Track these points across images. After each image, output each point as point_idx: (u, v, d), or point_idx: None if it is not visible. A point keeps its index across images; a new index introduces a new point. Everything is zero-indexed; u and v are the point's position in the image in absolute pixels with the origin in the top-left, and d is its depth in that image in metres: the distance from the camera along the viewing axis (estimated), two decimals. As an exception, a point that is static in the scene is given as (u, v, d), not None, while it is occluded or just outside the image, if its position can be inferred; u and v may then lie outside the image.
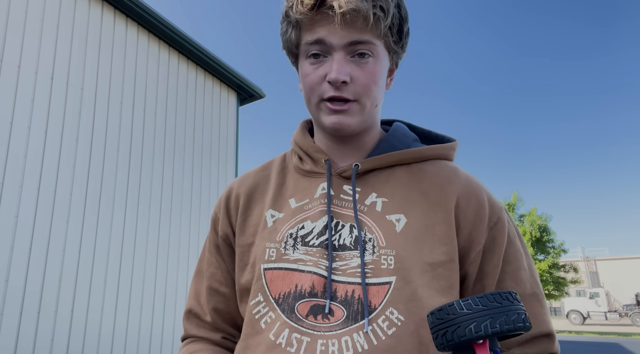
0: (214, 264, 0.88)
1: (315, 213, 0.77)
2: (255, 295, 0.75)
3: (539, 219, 22.63)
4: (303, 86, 0.79)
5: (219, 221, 0.88)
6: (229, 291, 0.86)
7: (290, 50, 0.81)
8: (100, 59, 5.85)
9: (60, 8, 5.48)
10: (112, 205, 5.67)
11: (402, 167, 0.81)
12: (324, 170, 0.81)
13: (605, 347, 14.43)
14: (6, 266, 4.53)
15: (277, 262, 0.75)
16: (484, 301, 0.47)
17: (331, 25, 0.72)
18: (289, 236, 0.77)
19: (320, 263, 0.72)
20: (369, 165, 0.79)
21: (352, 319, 0.68)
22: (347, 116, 0.75)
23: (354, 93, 0.74)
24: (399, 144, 0.83)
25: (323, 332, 0.68)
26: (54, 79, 5.28)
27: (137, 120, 6.21)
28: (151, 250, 6.06)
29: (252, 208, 0.84)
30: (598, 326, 25.32)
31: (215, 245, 0.88)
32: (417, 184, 0.79)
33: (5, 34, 4.89)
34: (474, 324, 0.46)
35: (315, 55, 0.75)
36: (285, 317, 0.70)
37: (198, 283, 0.90)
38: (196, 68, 7.34)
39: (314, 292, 0.71)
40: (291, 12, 0.74)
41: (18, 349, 4.48)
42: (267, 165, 0.91)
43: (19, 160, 4.81)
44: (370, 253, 0.72)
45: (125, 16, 6.31)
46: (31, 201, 4.84)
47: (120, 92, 6.04)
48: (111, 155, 5.77)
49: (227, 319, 0.86)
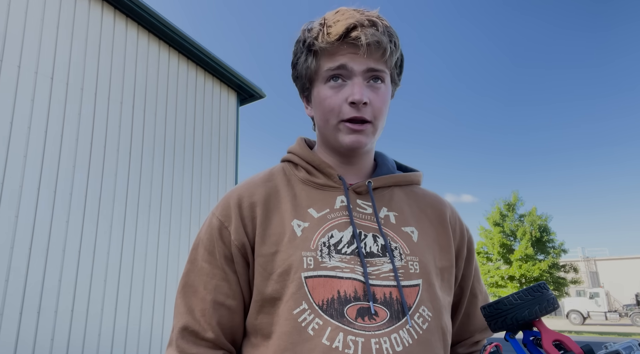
0: (219, 276, 0.84)
1: (340, 223, 0.85)
2: (298, 303, 0.77)
3: (539, 219, 22.61)
4: (320, 108, 0.87)
5: (231, 231, 0.85)
6: (235, 304, 0.84)
7: (308, 77, 0.89)
8: (100, 59, 5.84)
9: (60, 8, 5.48)
10: (112, 205, 5.67)
11: (398, 187, 0.95)
12: (339, 184, 0.90)
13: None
14: (6, 266, 4.53)
15: (317, 270, 0.79)
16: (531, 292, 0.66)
17: (352, 54, 0.83)
18: (322, 244, 0.82)
19: (356, 270, 0.80)
20: (377, 183, 0.92)
21: (395, 318, 0.77)
22: (363, 136, 0.86)
23: (371, 114, 0.85)
24: (392, 169, 0.99)
25: (373, 332, 0.75)
26: (54, 79, 5.28)
27: (137, 120, 6.20)
28: (151, 249, 6.06)
29: (270, 218, 0.86)
30: (598, 326, 25.31)
31: (225, 256, 0.85)
32: (414, 203, 0.94)
33: (5, 34, 4.89)
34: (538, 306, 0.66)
35: (335, 78, 0.84)
36: (337, 322, 0.76)
37: (190, 298, 0.85)
38: (196, 68, 7.34)
39: (357, 296, 0.78)
40: (316, 42, 0.84)
41: (18, 349, 4.49)
42: (269, 176, 0.93)
43: (19, 160, 4.81)
44: (399, 259, 0.83)
45: (125, 16, 6.31)
46: (31, 201, 4.84)
47: (120, 92, 6.04)
48: (111, 155, 5.77)
49: (227, 334, 0.84)
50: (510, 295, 0.66)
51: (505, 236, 22.95)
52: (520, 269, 21.42)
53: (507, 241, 22.84)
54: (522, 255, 21.61)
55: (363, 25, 0.82)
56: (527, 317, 0.64)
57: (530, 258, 21.63)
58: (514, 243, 23.04)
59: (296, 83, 0.95)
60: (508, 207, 23.47)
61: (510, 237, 23.10)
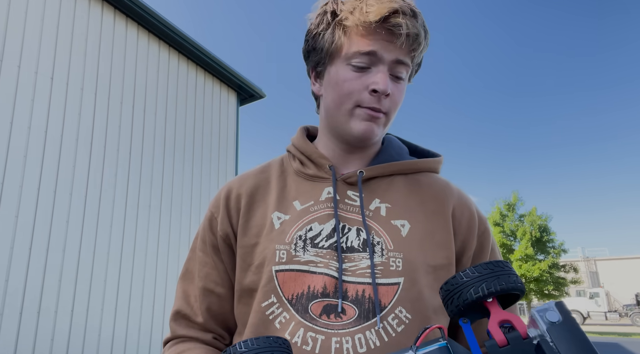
0: (210, 264, 0.87)
1: (322, 216, 0.81)
2: (267, 296, 0.77)
3: (539, 219, 22.62)
4: (337, 90, 0.81)
5: (218, 221, 0.87)
6: (224, 291, 0.85)
7: (327, 51, 0.82)
8: (100, 59, 5.85)
9: (60, 8, 5.48)
10: (112, 205, 5.67)
11: (400, 176, 0.88)
12: (328, 175, 0.85)
13: (605, 347, 14.43)
14: (6, 266, 4.53)
15: (288, 264, 0.77)
16: (490, 267, 0.55)
17: (386, 42, 0.77)
18: (298, 238, 0.79)
19: (331, 265, 0.76)
20: (372, 172, 0.85)
21: (364, 318, 0.73)
22: (376, 125, 0.82)
23: (388, 107, 0.81)
24: (396, 155, 0.90)
25: (337, 330, 0.72)
26: (54, 79, 5.28)
27: (137, 120, 6.21)
28: (151, 249, 6.06)
29: (254, 209, 0.85)
30: (598, 326, 25.31)
31: (213, 246, 0.87)
32: (415, 193, 0.86)
33: (5, 34, 4.89)
34: (485, 284, 0.53)
35: (361, 63, 0.78)
36: (300, 317, 0.73)
37: (186, 284, 0.89)
38: (196, 68, 7.34)
39: (326, 292, 0.74)
40: (351, 16, 0.78)
41: (18, 349, 4.49)
42: (265, 167, 0.93)
43: (19, 160, 4.81)
44: (380, 255, 0.77)
45: (125, 16, 6.31)
46: (31, 201, 4.84)
47: (120, 92, 6.04)
48: (111, 155, 5.77)
49: (219, 320, 0.86)
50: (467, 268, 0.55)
51: (505, 236, 22.96)
52: (520, 269, 21.43)
53: (507, 241, 22.85)
54: (522, 255, 21.62)
55: (405, 13, 0.76)
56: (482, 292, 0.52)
57: (530, 258, 21.64)
58: (514, 243, 23.05)
59: (309, 56, 0.87)
60: (508, 207, 23.48)
61: (510, 237, 23.11)
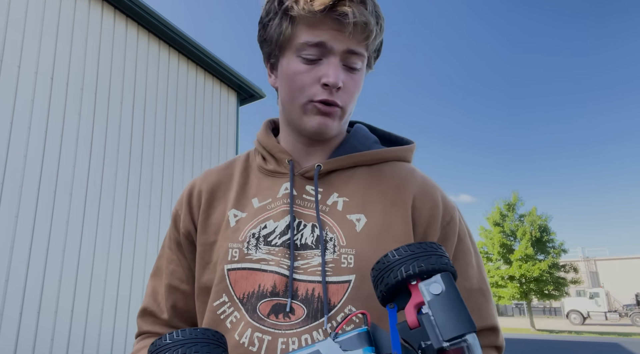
0: (175, 261, 0.86)
1: (278, 213, 0.78)
2: (219, 295, 0.75)
3: (539, 219, 22.60)
4: (288, 84, 0.78)
5: (181, 218, 0.87)
6: (189, 288, 0.85)
7: (277, 44, 0.79)
8: (100, 59, 5.84)
9: (60, 8, 5.48)
10: (112, 205, 5.67)
11: (363, 167, 0.83)
12: (287, 170, 0.82)
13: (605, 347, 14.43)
14: (6, 266, 4.53)
15: (240, 262, 0.75)
16: (412, 248, 0.53)
17: (335, 31, 0.74)
18: (251, 236, 0.77)
19: (283, 263, 0.74)
20: (331, 166, 0.82)
21: (312, 318, 0.70)
22: (332, 120, 0.78)
23: (343, 99, 0.77)
24: (360, 146, 0.86)
25: (284, 331, 0.69)
26: (54, 79, 5.28)
27: (137, 120, 6.20)
28: (151, 249, 6.06)
29: (214, 207, 0.84)
30: (598, 326, 25.31)
31: (177, 242, 0.87)
32: (376, 185, 0.81)
33: (5, 34, 4.89)
34: (404, 266, 0.51)
35: (310, 56, 0.76)
36: (249, 317, 0.71)
37: (156, 281, 0.89)
38: (196, 69, 7.34)
39: (275, 291, 0.72)
40: (296, 6, 0.74)
41: (18, 349, 4.48)
42: (230, 163, 0.91)
43: (19, 160, 4.81)
44: (331, 252, 0.74)
45: (125, 16, 6.31)
46: (31, 201, 4.84)
47: (120, 92, 6.04)
48: (111, 155, 5.77)
49: (184, 317, 0.86)
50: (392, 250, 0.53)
51: (505, 236, 22.95)
52: (520, 269, 21.42)
53: (507, 241, 22.83)
54: (522, 255, 21.60)
55: (352, 0, 0.73)
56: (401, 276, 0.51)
57: (530, 258, 21.62)
58: (514, 243, 23.03)
59: (262, 47, 0.84)
60: (508, 207, 23.46)
61: (510, 237, 23.09)
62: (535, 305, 38.46)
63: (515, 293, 21.97)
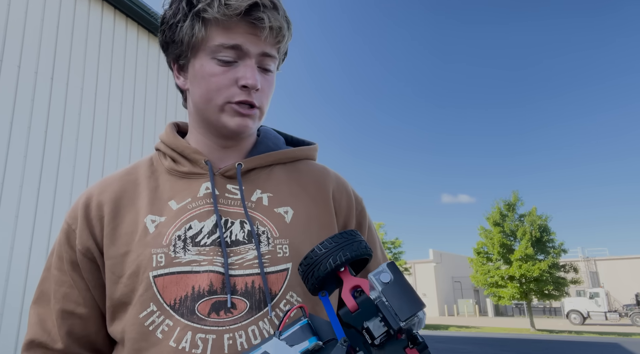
0: (67, 283, 0.80)
1: (202, 213, 0.78)
2: (145, 305, 0.71)
3: (539, 219, 22.60)
4: (203, 85, 0.79)
5: (77, 234, 0.80)
6: (87, 311, 0.79)
7: (192, 46, 0.79)
8: (100, 59, 5.84)
9: (60, 8, 5.48)
10: (112, 205, 5.67)
11: (279, 165, 0.88)
12: (205, 170, 0.83)
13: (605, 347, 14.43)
14: (6, 266, 4.53)
15: (168, 267, 0.73)
16: (335, 239, 0.58)
17: (250, 35, 0.77)
18: (177, 238, 0.75)
19: (216, 261, 0.73)
20: (251, 164, 0.84)
21: (256, 309, 0.71)
22: (251, 120, 0.81)
23: (260, 100, 0.80)
24: (273, 146, 0.91)
25: (228, 326, 0.69)
26: (54, 79, 5.28)
27: (137, 120, 6.21)
28: (151, 250, 6.06)
29: (122, 216, 0.79)
30: (598, 326, 25.32)
31: (71, 262, 0.80)
32: (295, 180, 0.87)
33: (5, 34, 4.88)
34: (332, 258, 0.56)
35: (226, 58, 0.77)
36: (186, 320, 0.69)
37: (41, 307, 0.81)
38: (196, 68, 7.34)
39: (213, 290, 0.71)
40: (210, 9, 0.75)
41: (18, 349, 4.49)
42: (131, 169, 0.88)
43: (19, 160, 4.81)
44: (266, 244, 0.76)
45: (125, 16, 6.31)
46: (31, 201, 4.84)
47: (120, 92, 6.04)
48: (111, 155, 5.77)
49: (83, 343, 0.80)
50: (317, 244, 0.58)
51: (505, 236, 22.96)
52: (520, 269, 21.43)
53: (507, 241, 22.84)
54: (522, 255, 21.61)
55: (265, 6, 0.76)
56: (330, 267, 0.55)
57: (530, 258, 21.64)
58: (514, 243, 23.04)
59: (168, 48, 0.83)
60: (508, 207, 23.47)
61: (510, 237, 23.11)
62: (535, 305, 38.44)
63: (515, 293, 21.97)
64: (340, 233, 0.59)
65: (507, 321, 31.31)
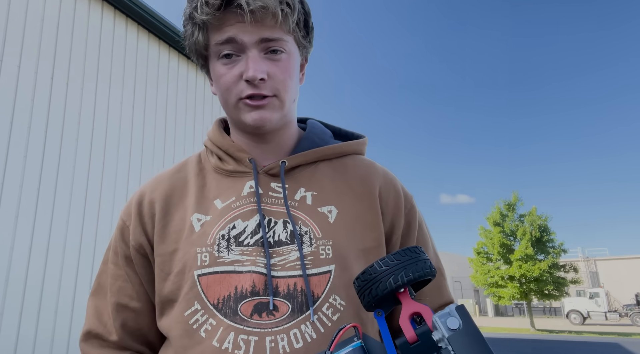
0: (122, 277, 0.82)
1: (246, 212, 0.77)
2: (190, 303, 0.72)
3: (539, 219, 22.59)
4: (218, 88, 0.79)
5: (130, 230, 0.82)
6: (140, 306, 0.81)
7: (199, 53, 0.80)
8: (100, 59, 5.84)
9: (60, 8, 5.48)
10: (112, 205, 5.67)
11: (324, 162, 0.85)
12: (249, 168, 0.81)
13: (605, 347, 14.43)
14: (6, 266, 4.53)
15: (212, 266, 0.73)
16: (397, 257, 0.54)
17: (240, 24, 0.73)
18: (221, 238, 0.75)
19: (258, 261, 0.72)
20: (294, 161, 0.82)
21: (298, 312, 0.69)
22: (268, 111, 0.77)
23: (272, 89, 0.76)
24: (319, 141, 0.87)
25: (270, 329, 0.68)
26: (54, 79, 5.28)
27: (137, 120, 6.21)
28: (151, 250, 6.06)
29: (171, 214, 0.80)
30: (598, 326, 25.31)
31: (125, 257, 0.82)
32: (341, 177, 0.83)
33: (5, 34, 4.88)
34: (392, 277, 0.52)
35: (227, 55, 0.75)
36: (228, 321, 0.69)
37: (99, 300, 0.83)
38: (196, 69, 7.34)
39: (255, 291, 0.70)
40: (196, 13, 0.74)
41: (18, 349, 4.48)
42: (181, 166, 0.89)
43: (19, 160, 4.81)
44: (308, 245, 0.74)
45: (125, 16, 6.31)
46: (31, 201, 4.84)
47: (120, 92, 6.04)
48: (111, 155, 5.77)
49: (136, 336, 0.81)
50: (379, 259, 0.54)
51: (505, 236, 22.95)
52: (520, 269, 21.42)
53: (507, 241, 22.83)
54: (522, 255, 21.60)
55: None
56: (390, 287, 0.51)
57: (530, 258, 21.63)
58: (514, 243, 23.04)
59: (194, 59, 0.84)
60: (508, 207, 23.46)
61: (510, 237, 23.10)
62: (535, 305, 38.44)
63: (515, 293, 21.97)
64: (403, 249, 0.54)
65: (507, 321, 31.31)
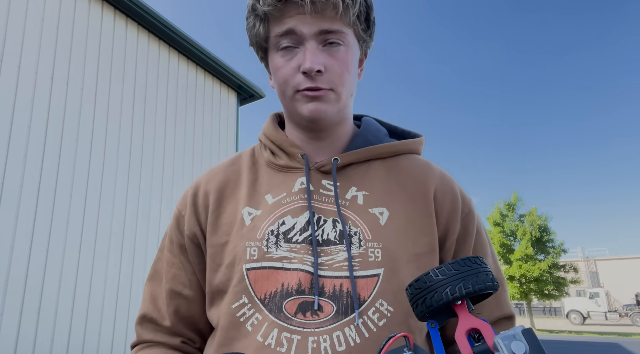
0: (177, 265, 0.83)
1: (296, 208, 0.76)
2: (238, 296, 0.72)
3: (539, 219, 22.59)
4: (276, 80, 0.78)
5: (185, 219, 0.83)
6: (192, 294, 0.82)
7: (260, 45, 0.80)
8: (100, 59, 5.84)
9: (60, 8, 5.48)
10: (112, 205, 5.67)
11: (378, 160, 0.82)
12: (301, 164, 0.80)
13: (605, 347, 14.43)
14: (6, 266, 4.53)
15: (260, 261, 0.72)
16: (455, 266, 0.49)
17: (300, 15, 0.72)
18: (270, 233, 0.74)
19: (306, 259, 0.72)
20: (347, 159, 0.80)
21: (343, 314, 0.68)
22: (324, 103, 0.75)
23: (329, 82, 0.74)
24: (373, 139, 0.84)
25: (313, 329, 0.67)
26: (54, 79, 5.28)
27: (137, 120, 6.20)
28: (151, 249, 6.06)
29: (224, 206, 0.81)
30: (598, 326, 25.31)
31: (180, 245, 0.83)
32: (394, 177, 0.80)
33: (5, 34, 4.88)
34: (449, 288, 0.48)
35: (286, 47, 0.75)
36: (273, 317, 0.69)
37: (154, 285, 0.85)
38: (196, 68, 7.34)
39: (301, 289, 0.70)
40: (258, 4, 0.74)
41: (18, 350, 4.48)
42: (236, 159, 0.88)
43: (19, 160, 4.80)
44: (357, 246, 0.72)
45: (125, 16, 6.31)
46: (31, 201, 4.84)
47: (120, 92, 6.04)
48: (111, 155, 5.77)
49: (187, 323, 0.82)
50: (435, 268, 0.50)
51: (505, 236, 22.95)
52: (520, 269, 21.42)
53: (507, 241, 22.83)
54: (522, 255, 21.60)
55: None
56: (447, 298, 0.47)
57: (530, 258, 21.62)
58: (514, 243, 23.03)
59: (255, 52, 0.83)
60: (508, 207, 23.45)
61: (510, 237, 23.09)
62: (535, 305, 38.44)
63: (515, 293, 21.97)
64: (463, 259, 0.50)
65: (507, 321, 31.20)
